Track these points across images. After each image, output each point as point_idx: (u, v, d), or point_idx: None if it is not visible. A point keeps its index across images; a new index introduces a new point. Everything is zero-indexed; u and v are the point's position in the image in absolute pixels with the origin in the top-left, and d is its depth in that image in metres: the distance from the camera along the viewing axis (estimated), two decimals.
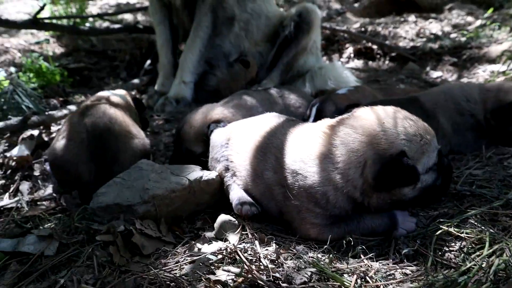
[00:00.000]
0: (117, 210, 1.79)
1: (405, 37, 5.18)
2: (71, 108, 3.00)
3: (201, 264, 1.45)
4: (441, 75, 4.37)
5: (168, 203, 1.84)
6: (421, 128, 1.60)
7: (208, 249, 1.57)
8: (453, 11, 5.83)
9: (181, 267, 1.48)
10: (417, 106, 2.44)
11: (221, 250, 1.54)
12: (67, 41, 4.94)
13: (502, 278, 1.28)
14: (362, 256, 1.52)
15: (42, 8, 3.82)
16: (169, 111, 3.54)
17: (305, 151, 1.67)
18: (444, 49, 4.72)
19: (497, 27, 4.90)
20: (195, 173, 1.94)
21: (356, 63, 4.90)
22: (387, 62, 4.85)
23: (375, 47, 4.97)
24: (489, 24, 5.04)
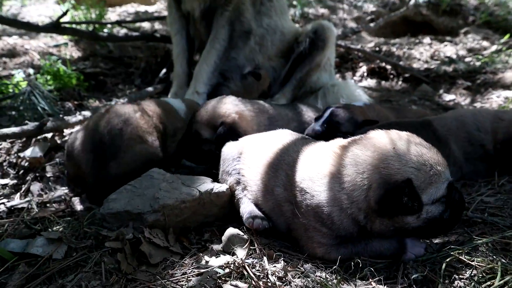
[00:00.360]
0: (127, 217, 1.80)
1: (419, 59, 5.18)
2: (86, 114, 3.04)
3: (208, 277, 1.45)
4: (454, 98, 4.35)
5: (178, 214, 1.85)
6: (432, 158, 1.55)
7: (215, 262, 1.57)
8: (469, 35, 5.83)
9: (188, 279, 1.48)
10: (429, 131, 2.43)
11: (228, 264, 1.53)
12: (85, 46, 5.03)
13: None
14: (370, 278, 1.51)
15: (65, 13, 3.89)
16: None
17: (314, 169, 1.67)
18: (458, 72, 4.71)
19: None
20: (206, 184, 1.95)
21: (369, 82, 4.90)
22: (400, 82, 4.85)
23: (388, 67, 4.98)
24: (505, 49, 5.03)
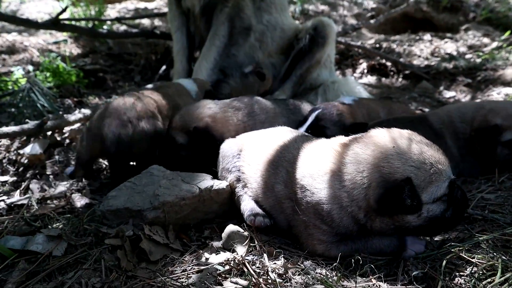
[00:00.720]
0: (127, 214, 1.80)
1: (419, 56, 5.17)
2: (86, 112, 3.04)
3: (208, 274, 1.45)
4: (454, 95, 4.34)
5: (177, 211, 1.85)
6: (433, 156, 1.54)
7: (215, 259, 1.57)
8: (469, 31, 5.82)
9: (188, 275, 1.48)
10: (426, 126, 2.41)
11: (228, 261, 1.53)
12: (84, 43, 5.02)
13: None
14: (370, 275, 1.50)
15: (64, 10, 3.88)
16: None
17: (314, 167, 1.66)
18: (459, 69, 4.69)
19: None
20: (206, 181, 1.95)
21: (369, 79, 4.89)
22: (400, 79, 4.84)
23: (389, 64, 4.96)
24: (505, 46, 5.01)
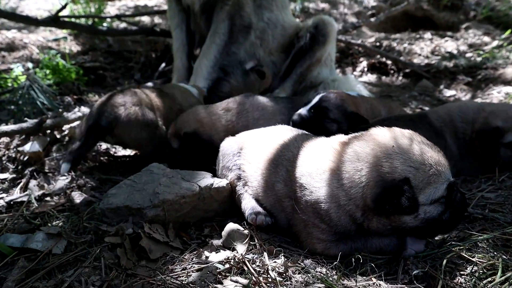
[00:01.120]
0: (127, 212, 1.80)
1: (420, 54, 5.16)
2: (85, 110, 3.03)
3: (208, 272, 1.44)
4: (454, 94, 4.34)
5: (177, 209, 1.84)
6: (432, 158, 1.52)
7: (215, 257, 1.56)
8: (470, 30, 5.80)
9: (188, 274, 1.47)
10: (426, 124, 2.40)
11: (228, 259, 1.53)
12: (84, 40, 5.00)
13: None
14: (370, 274, 1.50)
15: (63, 7, 3.86)
16: None
17: (313, 165, 1.66)
18: (459, 68, 4.68)
19: None
20: (206, 179, 1.94)
21: (369, 77, 4.88)
22: (400, 78, 4.83)
23: (389, 62, 4.95)
24: (506, 45, 5.00)
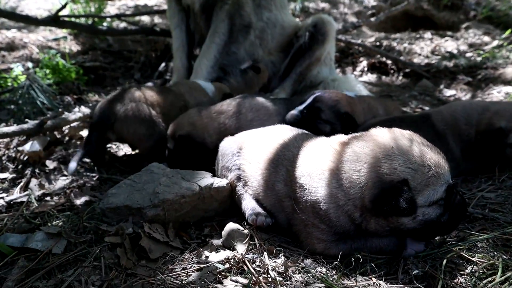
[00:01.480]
0: (127, 212, 1.80)
1: (420, 54, 5.16)
2: (85, 110, 3.03)
3: (208, 272, 1.44)
4: (454, 93, 4.34)
5: (177, 208, 1.84)
6: (432, 159, 1.51)
7: (215, 257, 1.56)
8: (470, 30, 5.80)
9: (188, 274, 1.47)
10: (429, 125, 2.39)
11: (228, 259, 1.53)
12: (84, 39, 5.00)
13: None
14: (370, 274, 1.50)
15: (63, 7, 3.86)
16: None
17: (313, 165, 1.66)
18: (459, 67, 4.68)
19: None
20: (206, 179, 1.94)
21: (369, 77, 4.88)
22: (400, 77, 4.83)
23: (389, 62, 4.95)
24: (506, 45, 5.00)
